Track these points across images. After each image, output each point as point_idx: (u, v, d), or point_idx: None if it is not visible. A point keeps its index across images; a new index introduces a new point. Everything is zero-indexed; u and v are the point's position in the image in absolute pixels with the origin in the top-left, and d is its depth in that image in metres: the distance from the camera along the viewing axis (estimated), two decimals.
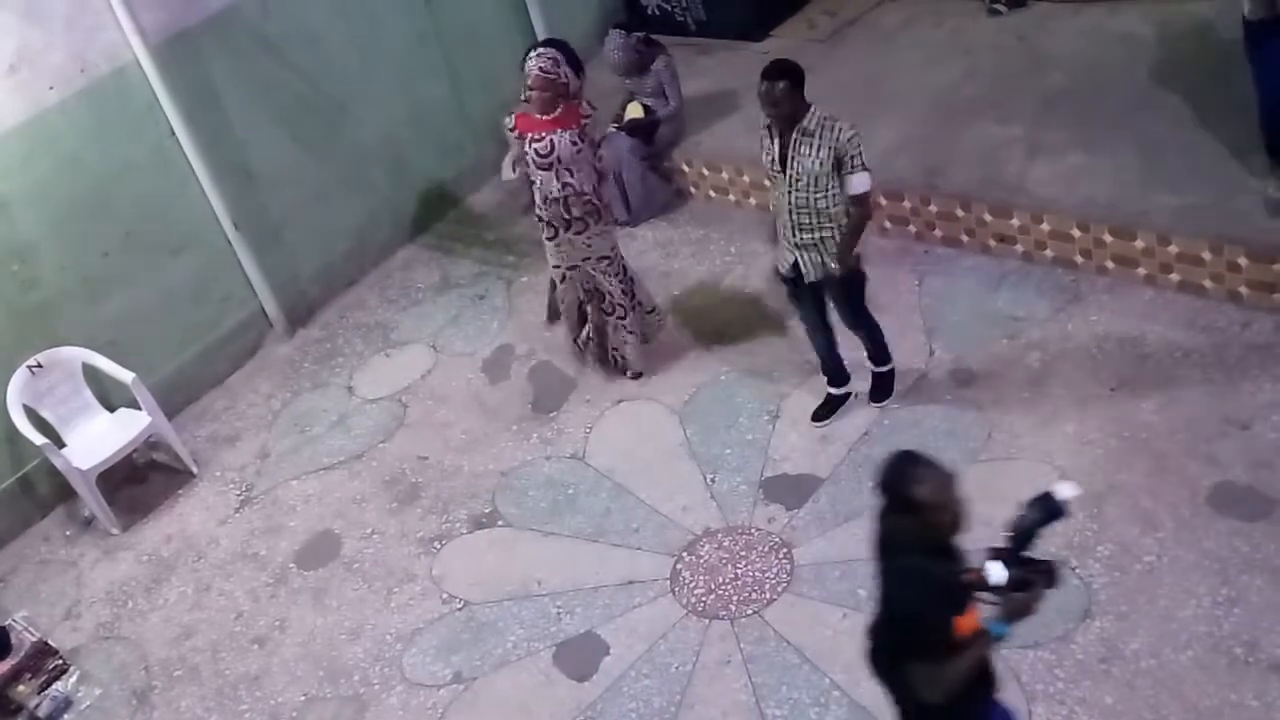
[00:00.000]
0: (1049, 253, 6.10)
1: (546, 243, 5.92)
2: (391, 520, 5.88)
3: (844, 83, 7.57)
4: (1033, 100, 6.79)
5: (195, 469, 6.52)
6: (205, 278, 7.04)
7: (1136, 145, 6.16)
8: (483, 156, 8.40)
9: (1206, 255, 5.54)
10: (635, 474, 5.71)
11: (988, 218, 6.25)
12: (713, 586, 5.05)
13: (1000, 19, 7.73)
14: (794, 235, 5.12)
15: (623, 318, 6.10)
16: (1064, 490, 3.15)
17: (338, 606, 5.51)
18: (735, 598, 4.97)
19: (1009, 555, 3.14)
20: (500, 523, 5.70)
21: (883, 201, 6.60)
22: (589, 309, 6.18)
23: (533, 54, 5.57)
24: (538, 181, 5.69)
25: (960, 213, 6.34)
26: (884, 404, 5.63)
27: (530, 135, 5.62)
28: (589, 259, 5.91)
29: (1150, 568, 4.56)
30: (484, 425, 6.29)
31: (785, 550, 5.11)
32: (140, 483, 6.57)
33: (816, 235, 5.07)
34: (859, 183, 4.93)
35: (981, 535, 3.40)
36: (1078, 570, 4.62)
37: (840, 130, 4.90)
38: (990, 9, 7.80)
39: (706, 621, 4.92)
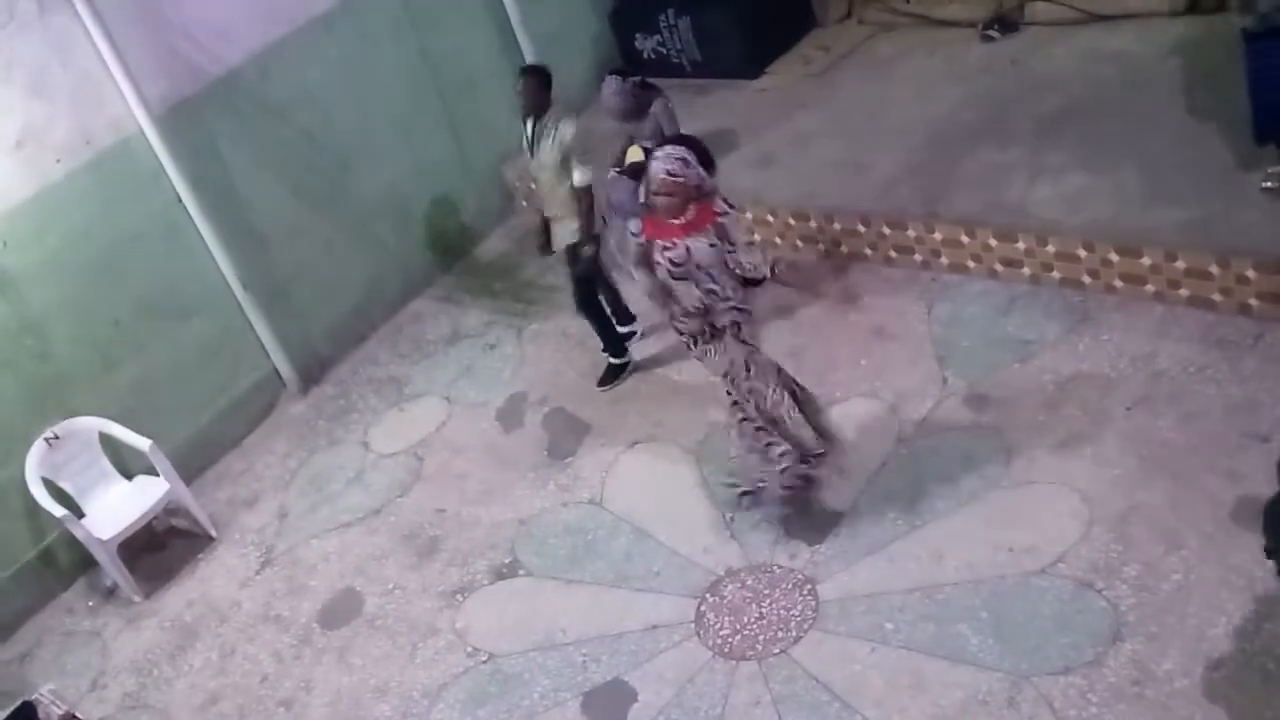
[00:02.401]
0: (1056, 274, 6.10)
1: (691, 351, 5.24)
2: (412, 575, 5.87)
3: (842, 115, 7.63)
4: (1031, 123, 6.81)
5: (215, 532, 6.53)
6: (217, 341, 7.09)
7: (1137, 163, 6.17)
8: (486, 207, 8.47)
9: (1214, 269, 5.53)
10: (654, 516, 5.69)
11: (993, 242, 6.26)
12: (738, 627, 5.02)
13: (993, 45, 7.78)
14: (545, 209, 6.13)
15: (797, 404, 5.30)
16: None
17: (363, 665, 5.49)
18: (761, 637, 4.94)
19: None
20: (521, 572, 5.68)
21: (887, 231, 6.62)
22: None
23: (658, 154, 4.93)
24: (674, 292, 5.01)
25: (965, 239, 6.35)
26: (606, 388, 6.48)
27: (661, 243, 4.94)
28: (735, 362, 5.10)
29: (1178, 586, 4.52)
30: (500, 474, 6.29)
31: (809, 587, 5.08)
32: (161, 549, 6.58)
33: (557, 212, 6.07)
34: (577, 177, 5.87)
35: None
36: (1105, 592, 4.58)
37: (563, 129, 5.80)
38: (983, 35, 7.86)
39: (734, 663, 4.88)
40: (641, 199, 5.34)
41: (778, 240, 7.06)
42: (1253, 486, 4.75)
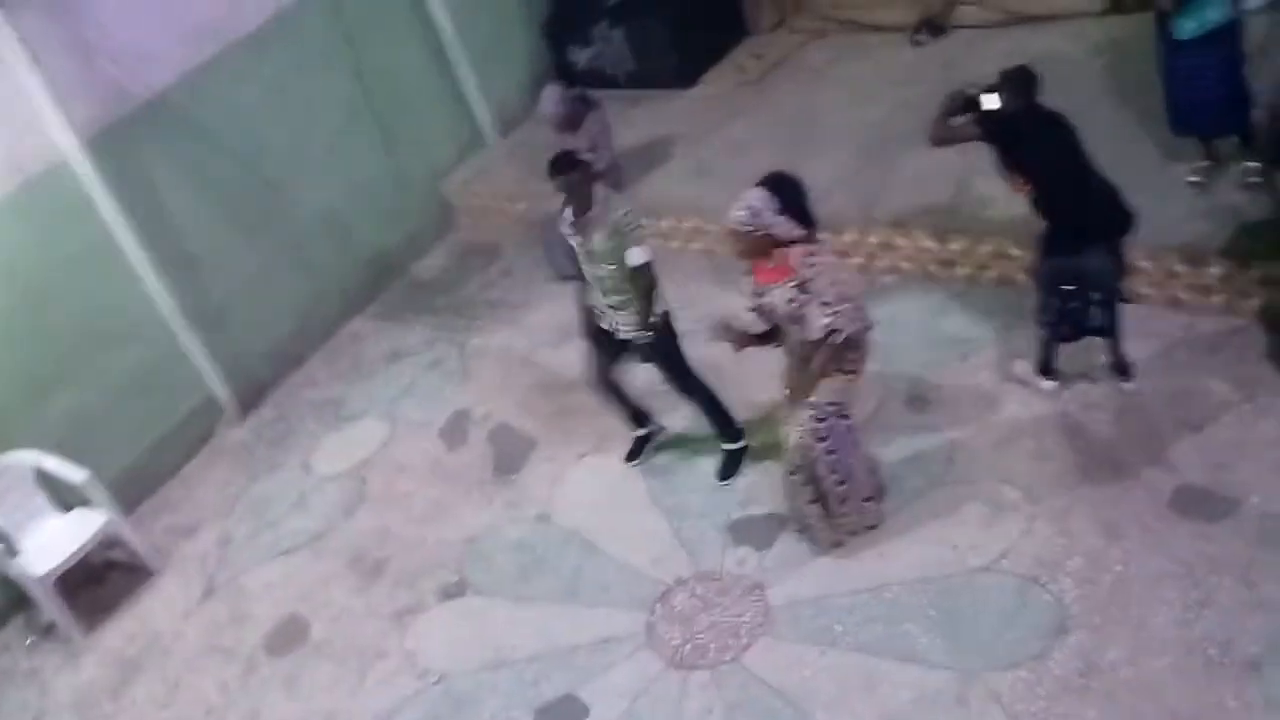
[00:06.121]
0: (992, 273, 6.17)
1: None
2: (358, 598, 5.79)
3: (777, 122, 7.67)
4: None
5: (155, 564, 6.40)
6: (153, 368, 6.96)
7: None
8: (424, 223, 8.41)
9: (1145, 263, 5.61)
10: (602, 529, 5.66)
11: (928, 244, 6.31)
12: (689, 636, 5.00)
13: (923, 49, 7.87)
14: (604, 298, 5.46)
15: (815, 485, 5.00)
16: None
17: (310, 693, 5.40)
18: (712, 645, 4.93)
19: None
20: (470, 591, 5.63)
21: (824, 236, 6.63)
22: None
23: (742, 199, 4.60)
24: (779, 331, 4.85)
25: (900, 241, 6.40)
26: (728, 482, 5.64)
27: (757, 287, 4.73)
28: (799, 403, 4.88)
29: (1120, 577, 4.57)
30: (446, 493, 6.23)
31: (758, 592, 5.07)
32: (99, 582, 6.43)
33: (620, 299, 5.41)
34: (633, 256, 5.27)
35: None
36: (1049, 586, 4.62)
37: (615, 211, 5.27)
38: (913, 40, 7.95)
39: (686, 672, 4.86)
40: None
41: (715, 250, 7.07)
42: (1190, 476, 4.84)
